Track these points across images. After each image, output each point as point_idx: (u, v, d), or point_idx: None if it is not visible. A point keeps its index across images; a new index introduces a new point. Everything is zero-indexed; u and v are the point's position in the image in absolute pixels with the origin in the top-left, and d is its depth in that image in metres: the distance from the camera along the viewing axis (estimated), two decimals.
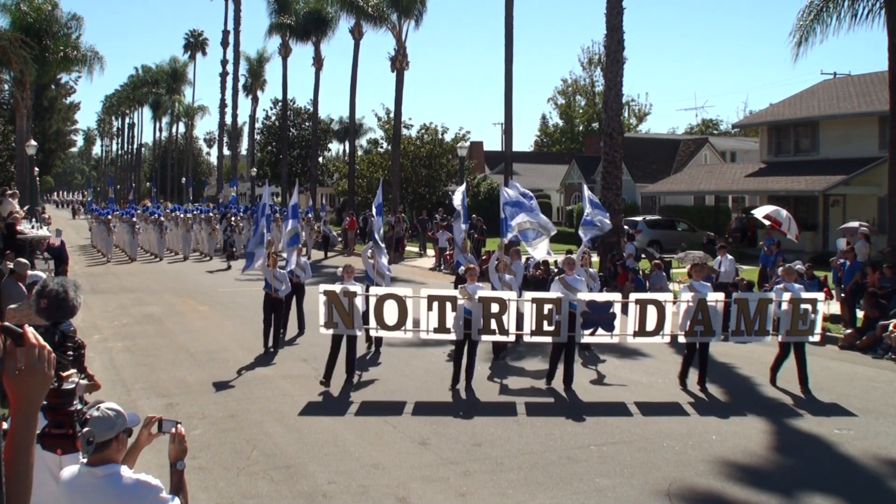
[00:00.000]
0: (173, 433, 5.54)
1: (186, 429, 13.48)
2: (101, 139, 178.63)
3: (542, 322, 16.44)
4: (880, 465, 12.10)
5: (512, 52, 42.96)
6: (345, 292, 16.34)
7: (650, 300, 17.12)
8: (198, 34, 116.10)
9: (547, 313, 16.42)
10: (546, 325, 16.41)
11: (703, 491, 10.97)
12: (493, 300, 16.37)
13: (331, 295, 16.33)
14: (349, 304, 16.28)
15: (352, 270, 17.68)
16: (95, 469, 5.26)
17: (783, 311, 16.61)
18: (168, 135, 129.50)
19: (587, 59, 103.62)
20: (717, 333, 16.62)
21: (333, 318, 16.32)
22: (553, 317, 16.39)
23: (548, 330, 16.46)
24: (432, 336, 16.76)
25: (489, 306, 16.31)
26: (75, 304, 8.36)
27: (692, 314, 16.39)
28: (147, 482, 5.29)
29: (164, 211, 55.84)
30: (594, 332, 16.74)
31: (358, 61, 63.79)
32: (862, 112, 43.84)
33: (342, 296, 16.30)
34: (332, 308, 16.30)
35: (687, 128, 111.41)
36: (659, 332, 16.74)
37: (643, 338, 17.10)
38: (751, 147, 70.18)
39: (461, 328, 16.29)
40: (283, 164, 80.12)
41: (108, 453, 5.30)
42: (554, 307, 16.42)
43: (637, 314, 16.70)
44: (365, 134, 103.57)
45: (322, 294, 16.42)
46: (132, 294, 30.92)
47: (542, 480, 11.26)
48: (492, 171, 78.31)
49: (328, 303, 16.31)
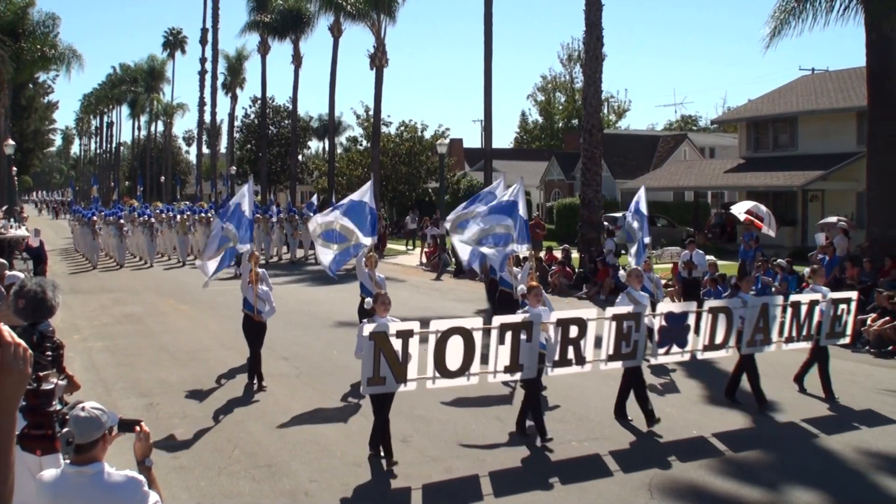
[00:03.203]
0: (137, 431, 5.51)
1: (168, 428, 13.49)
2: (80, 138, 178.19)
3: (620, 343, 13.41)
4: (860, 458, 12.16)
5: (491, 48, 43.07)
6: (400, 333, 11.69)
7: (721, 308, 14.57)
8: (176, 32, 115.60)
9: (626, 332, 13.43)
10: (624, 346, 13.46)
11: (685, 484, 11.01)
12: (572, 322, 13.03)
13: (380, 339, 11.48)
14: (404, 348, 11.70)
15: (387, 302, 12.61)
16: (84, 468, 5.25)
17: (825, 314, 15.47)
18: (147, 133, 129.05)
19: (567, 56, 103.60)
20: (773, 341, 15.03)
21: (381, 370, 11.53)
22: (632, 336, 13.49)
23: (625, 352, 13.50)
24: (501, 378, 13.26)
25: (567, 329, 12.96)
26: (54, 304, 8.34)
27: (754, 322, 14.60)
28: (134, 477, 5.30)
29: (153, 212, 51.24)
30: (669, 349, 14.14)
31: (337, 59, 63.90)
32: (840, 108, 44.05)
33: (396, 338, 11.65)
34: (381, 357, 11.50)
35: (666, 124, 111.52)
36: (725, 346, 14.56)
37: (711, 352, 14.68)
38: (730, 143, 70.40)
39: (535, 364, 12.74)
40: (263, 162, 79.94)
41: (95, 452, 5.30)
42: (633, 324, 13.48)
43: (709, 325, 14.32)
44: (344, 131, 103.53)
45: (367, 338, 11.49)
46: (112, 294, 30.79)
47: (525, 476, 11.28)
48: (472, 168, 78.33)
49: (375, 350, 11.45)
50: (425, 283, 34.72)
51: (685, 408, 14.80)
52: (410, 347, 11.70)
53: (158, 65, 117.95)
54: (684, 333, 14.13)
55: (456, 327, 12.16)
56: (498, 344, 12.43)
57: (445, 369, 12.08)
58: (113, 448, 5.63)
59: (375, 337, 11.47)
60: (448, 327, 12.11)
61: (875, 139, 27.38)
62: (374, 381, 11.55)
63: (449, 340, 12.03)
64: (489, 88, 43.37)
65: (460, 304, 12.87)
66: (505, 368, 12.58)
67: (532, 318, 12.61)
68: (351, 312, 24.81)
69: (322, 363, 16.50)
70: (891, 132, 27.08)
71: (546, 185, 73.23)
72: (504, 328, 12.47)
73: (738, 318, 14.49)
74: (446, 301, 26.63)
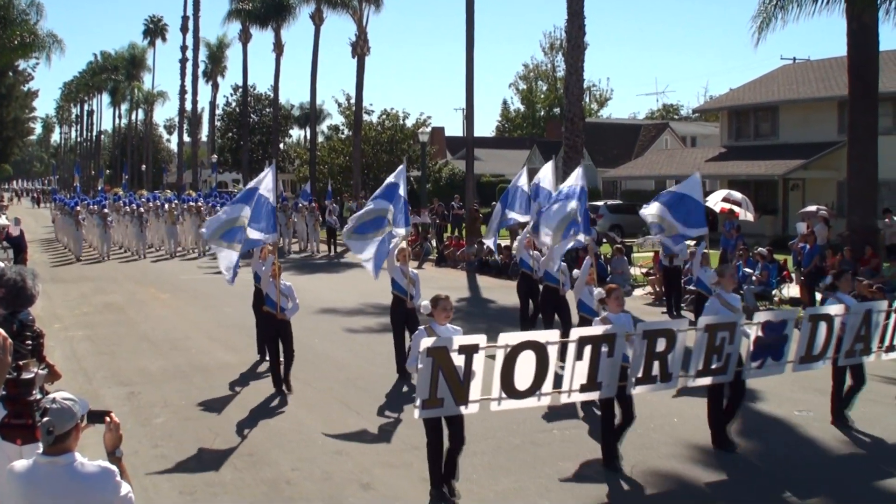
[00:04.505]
0: (107, 422, 5.48)
1: (148, 417, 13.46)
2: (60, 126, 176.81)
3: (711, 357, 11.64)
4: (841, 446, 12.22)
5: (473, 37, 42.88)
6: (463, 348, 9.80)
7: (822, 315, 12.76)
8: (157, 20, 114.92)
9: (719, 344, 11.65)
10: (716, 360, 11.70)
11: (665, 473, 11.05)
12: (660, 333, 11.32)
13: (440, 356, 9.63)
14: (467, 365, 9.83)
15: (449, 308, 10.76)
16: (56, 458, 5.22)
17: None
18: (128, 122, 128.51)
19: (549, 45, 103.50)
20: (872, 351, 13.20)
21: (438, 391, 9.72)
22: (724, 349, 11.70)
23: (716, 367, 11.74)
24: (576, 398, 11.38)
25: (654, 342, 11.19)
26: (34, 292, 8.31)
27: (856, 330, 12.75)
28: (107, 467, 5.28)
29: (141, 200, 49.11)
30: (763, 363, 12.30)
31: (319, 47, 64.03)
32: (821, 97, 44.19)
33: (458, 354, 9.77)
34: (440, 376, 9.67)
35: (648, 113, 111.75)
36: (823, 357, 12.79)
37: (807, 365, 12.80)
38: (711, 132, 70.67)
39: (615, 381, 11.02)
40: (244, 150, 79.86)
41: (68, 443, 5.27)
42: (728, 335, 11.69)
43: (809, 334, 12.53)
44: (326, 120, 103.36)
45: (424, 355, 9.56)
46: (93, 283, 30.68)
47: (506, 465, 11.30)
48: (453, 157, 78.43)
49: (434, 367, 9.61)
50: None
51: (667, 394, 14.82)
52: (474, 364, 9.83)
53: (139, 53, 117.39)
54: (781, 344, 12.39)
55: (528, 341, 10.34)
56: (575, 360, 10.67)
57: (513, 389, 10.25)
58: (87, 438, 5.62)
59: (435, 353, 9.57)
60: (519, 341, 10.27)
61: (856, 128, 27.46)
62: (429, 404, 9.74)
63: (519, 356, 10.18)
64: (471, 77, 43.21)
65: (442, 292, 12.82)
66: (581, 387, 10.84)
67: (616, 329, 10.92)
68: (332, 299, 24.87)
69: (303, 352, 16.42)
70: (871, 121, 27.18)
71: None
72: (583, 342, 10.72)
73: (840, 326, 12.67)
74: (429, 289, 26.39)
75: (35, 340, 8.19)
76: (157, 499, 10.20)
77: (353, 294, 26.16)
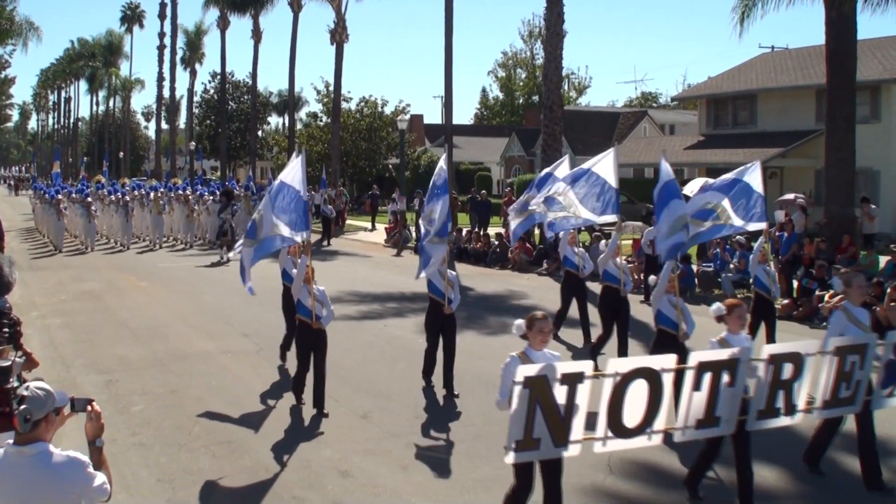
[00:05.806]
0: (89, 411, 5.46)
1: (127, 405, 13.40)
2: (37, 113, 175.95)
3: (839, 385, 9.59)
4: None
5: (452, 24, 42.75)
6: (566, 377, 7.91)
7: None
8: (134, 6, 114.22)
9: (849, 370, 9.59)
10: (844, 388, 9.64)
11: (643, 463, 11.06)
12: (787, 358, 9.23)
13: (539, 387, 7.75)
14: (569, 398, 7.97)
15: (547, 331, 8.58)
16: (24, 448, 5.20)
17: None
18: (105, 109, 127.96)
19: (528, 32, 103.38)
20: None
21: (535, 430, 7.82)
22: (854, 374, 9.62)
23: (845, 397, 9.68)
24: (691, 436, 9.09)
25: (780, 369, 9.18)
26: (10, 280, 8.27)
27: None
28: (77, 458, 5.26)
29: (126, 189, 47.44)
30: (894, 390, 10.17)
31: (297, 34, 63.81)
32: (799, 85, 44.27)
33: (560, 384, 7.88)
34: (538, 411, 7.79)
35: (626, 101, 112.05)
36: None
37: None
38: (689, 120, 70.79)
39: (735, 416, 9.08)
40: (222, 137, 79.73)
41: (38, 433, 5.24)
42: (858, 359, 9.60)
43: None
44: (304, 107, 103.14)
45: (521, 387, 7.65)
46: (71, 270, 30.53)
47: (484, 452, 11.29)
48: (432, 144, 78.37)
49: (531, 401, 7.73)
50: (386, 259, 34.64)
51: None
52: (578, 397, 7.97)
53: (116, 39, 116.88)
54: None
55: (640, 368, 8.37)
56: (692, 390, 8.74)
57: (621, 426, 8.36)
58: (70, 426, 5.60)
59: (533, 384, 7.70)
60: (630, 368, 8.34)
61: (834, 118, 27.62)
62: (524, 446, 7.85)
63: (630, 386, 8.27)
64: (450, 64, 43.10)
65: (422, 280, 12.82)
66: (698, 423, 8.89)
67: (740, 354, 8.96)
68: None
69: (280, 340, 16.39)
70: (849, 111, 27.35)
71: (507, 161, 73.39)
72: (702, 367, 8.75)
73: None
74: (407, 277, 26.53)
75: (12, 328, 8.16)
76: (136, 486, 10.18)
77: (335, 282, 26.12)
